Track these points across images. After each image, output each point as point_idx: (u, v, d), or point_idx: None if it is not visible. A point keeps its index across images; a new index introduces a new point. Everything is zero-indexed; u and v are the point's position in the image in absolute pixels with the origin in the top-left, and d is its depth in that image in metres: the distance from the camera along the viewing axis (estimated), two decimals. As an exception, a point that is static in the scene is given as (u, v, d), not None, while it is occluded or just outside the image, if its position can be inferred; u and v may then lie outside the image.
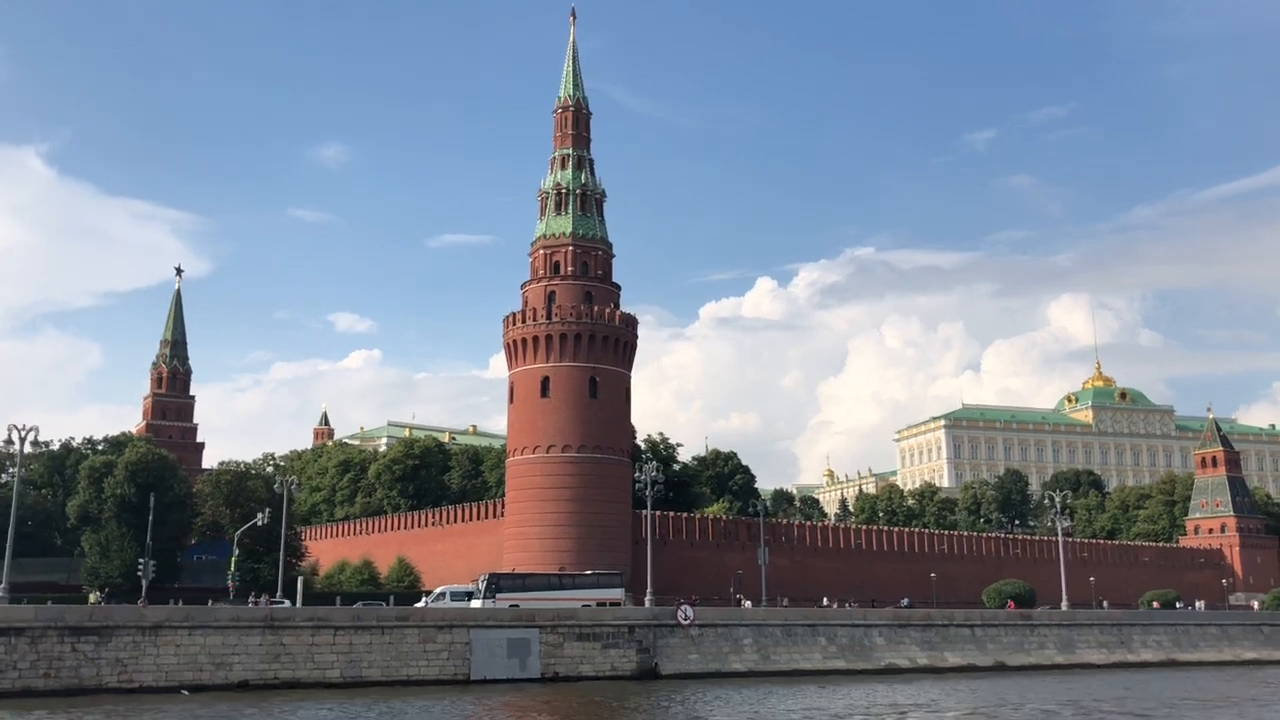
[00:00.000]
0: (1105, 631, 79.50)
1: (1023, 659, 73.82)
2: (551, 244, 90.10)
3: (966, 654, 72.22)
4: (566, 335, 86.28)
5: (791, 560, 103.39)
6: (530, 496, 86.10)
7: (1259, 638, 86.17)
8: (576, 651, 61.18)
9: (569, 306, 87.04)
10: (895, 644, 70.79)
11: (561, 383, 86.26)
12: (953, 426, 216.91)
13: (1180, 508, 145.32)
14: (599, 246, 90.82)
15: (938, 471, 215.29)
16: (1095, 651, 77.46)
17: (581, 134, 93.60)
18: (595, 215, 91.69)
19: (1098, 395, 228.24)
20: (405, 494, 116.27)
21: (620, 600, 71.89)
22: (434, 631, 58.24)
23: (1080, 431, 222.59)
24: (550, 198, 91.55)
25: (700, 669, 63.20)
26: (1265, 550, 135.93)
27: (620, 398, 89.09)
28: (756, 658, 65.62)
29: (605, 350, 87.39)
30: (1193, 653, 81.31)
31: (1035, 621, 77.52)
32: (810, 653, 67.82)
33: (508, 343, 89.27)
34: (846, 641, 69.32)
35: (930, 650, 71.42)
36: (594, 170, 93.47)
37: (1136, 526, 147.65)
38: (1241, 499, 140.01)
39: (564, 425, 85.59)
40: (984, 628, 74.75)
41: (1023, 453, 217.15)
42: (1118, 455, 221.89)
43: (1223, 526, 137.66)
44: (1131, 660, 77.96)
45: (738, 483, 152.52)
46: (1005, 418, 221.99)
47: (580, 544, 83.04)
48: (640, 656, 62.24)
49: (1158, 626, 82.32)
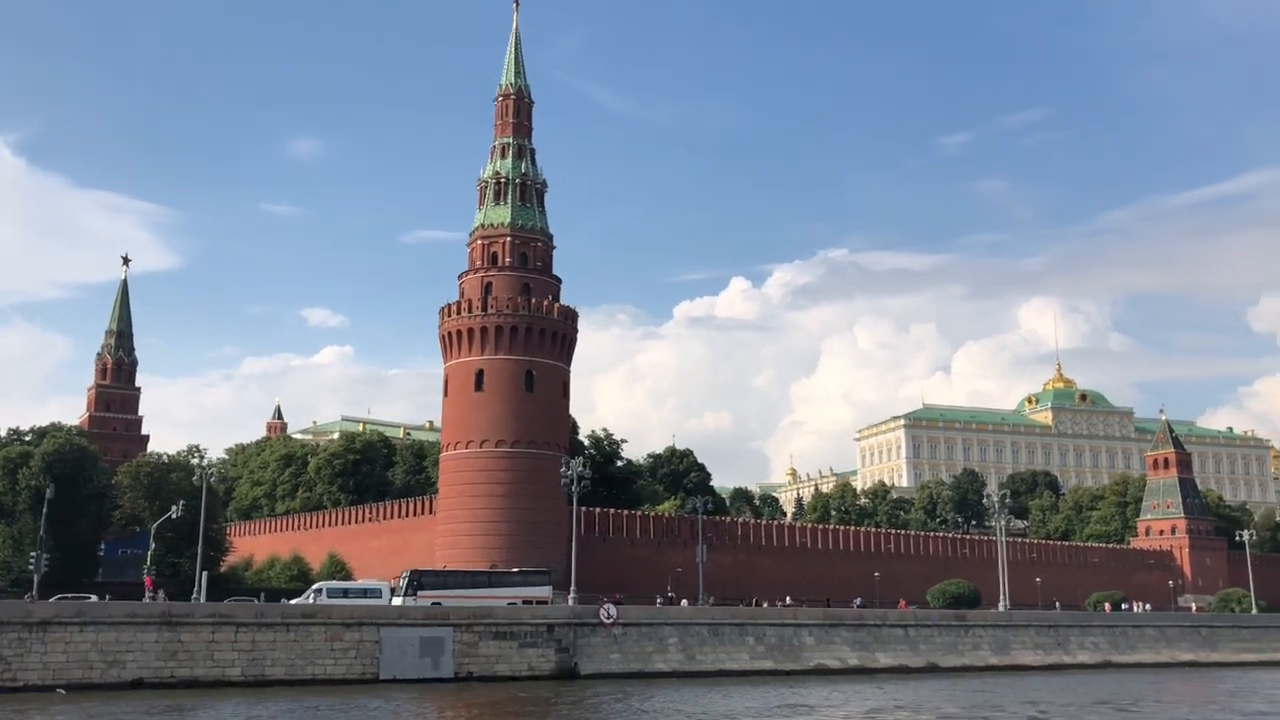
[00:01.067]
0: (1042, 633, 78.59)
1: (956, 660, 72.77)
2: (489, 234, 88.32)
3: (898, 655, 71.07)
4: (502, 327, 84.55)
5: (735, 559, 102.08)
6: (462, 492, 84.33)
7: (1197, 639, 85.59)
8: (492, 651, 59.58)
9: (505, 298, 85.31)
10: (826, 644, 69.56)
11: (496, 376, 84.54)
12: (912, 426, 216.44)
13: (1133, 509, 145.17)
14: (538, 237, 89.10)
15: (897, 471, 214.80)
16: (1030, 653, 76.49)
17: (523, 123, 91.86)
18: (535, 206, 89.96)
19: (1058, 397, 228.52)
20: (346, 489, 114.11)
21: (547, 598, 70.29)
22: (342, 629, 56.49)
23: (1040, 433, 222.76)
24: (489, 187, 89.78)
25: (622, 669, 61.72)
26: (1214, 552, 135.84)
27: (558, 392, 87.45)
28: (681, 658, 64.21)
29: (543, 343, 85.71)
30: (1130, 655, 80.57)
31: (970, 622, 76.52)
32: (737, 653, 66.49)
33: (443, 334, 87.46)
34: (775, 641, 68.04)
35: (861, 651, 70.23)
36: (535, 160, 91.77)
37: (1089, 528, 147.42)
38: (1192, 501, 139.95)
39: (498, 420, 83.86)
40: (918, 628, 73.64)
41: (982, 453, 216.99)
42: (1076, 456, 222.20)
43: (1173, 528, 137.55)
44: (1067, 662, 77.08)
45: (693, 480, 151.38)
46: (965, 418, 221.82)
47: (513, 541, 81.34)
48: (559, 656, 60.72)
49: (1095, 628, 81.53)
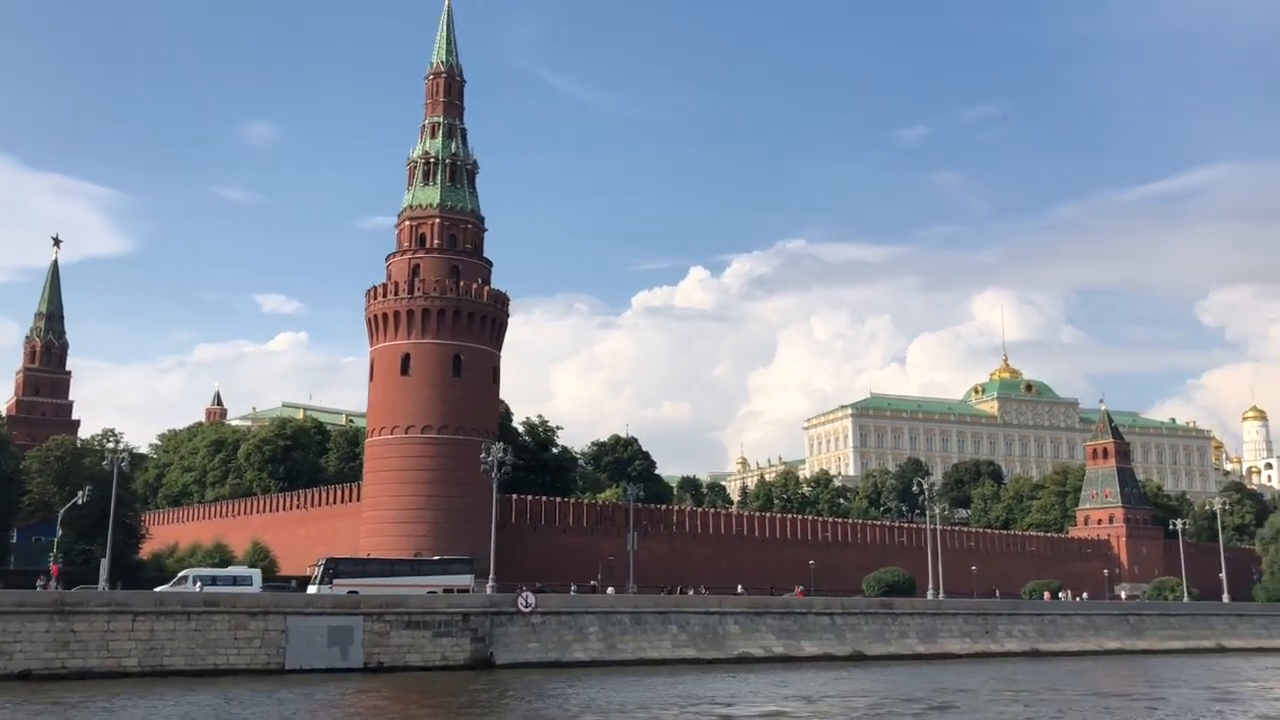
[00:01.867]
0: (970, 621, 78.22)
1: (882, 648, 72.19)
2: (417, 215, 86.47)
3: (824, 643, 70.37)
4: (430, 311, 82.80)
5: (671, 547, 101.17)
6: (388, 479, 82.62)
7: (1125, 627, 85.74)
8: (404, 640, 58.01)
9: (433, 281, 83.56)
10: (750, 632, 68.70)
11: (423, 360, 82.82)
12: (860, 416, 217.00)
13: (1072, 499, 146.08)
14: (468, 219, 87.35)
15: (844, 460, 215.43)
16: (958, 641, 76.10)
17: (454, 102, 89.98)
18: (466, 187, 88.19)
19: (1003, 387, 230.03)
20: (276, 476, 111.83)
21: (469, 587, 69.06)
22: (246, 618, 54.66)
23: (985, 422, 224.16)
24: (418, 167, 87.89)
25: (539, 658, 60.42)
26: (1151, 541, 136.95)
27: (486, 377, 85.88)
28: (601, 646, 63.00)
29: (471, 327, 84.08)
30: (1057, 643, 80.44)
31: (898, 610, 75.98)
32: (660, 641, 65.41)
33: (369, 317, 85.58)
34: (699, 629, 67.06)
35: (787, 639, 69.45)
36: (467, 140, 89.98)
37: (1030, 516, 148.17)
38: (1130, 490, 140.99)
39: (424, 405, 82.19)
40: (844, 616, 72.99)
41: (928, 443, 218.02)
42: (1021, 446, 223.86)
43: (1111, 517, 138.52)
44: (995, 650, 76.76)
45: (637, 469, 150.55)
46: (912, 408, 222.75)
47: (438, 529, 79.78)
48: (474, 646, 59.28)
49: (1023, 616, 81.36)
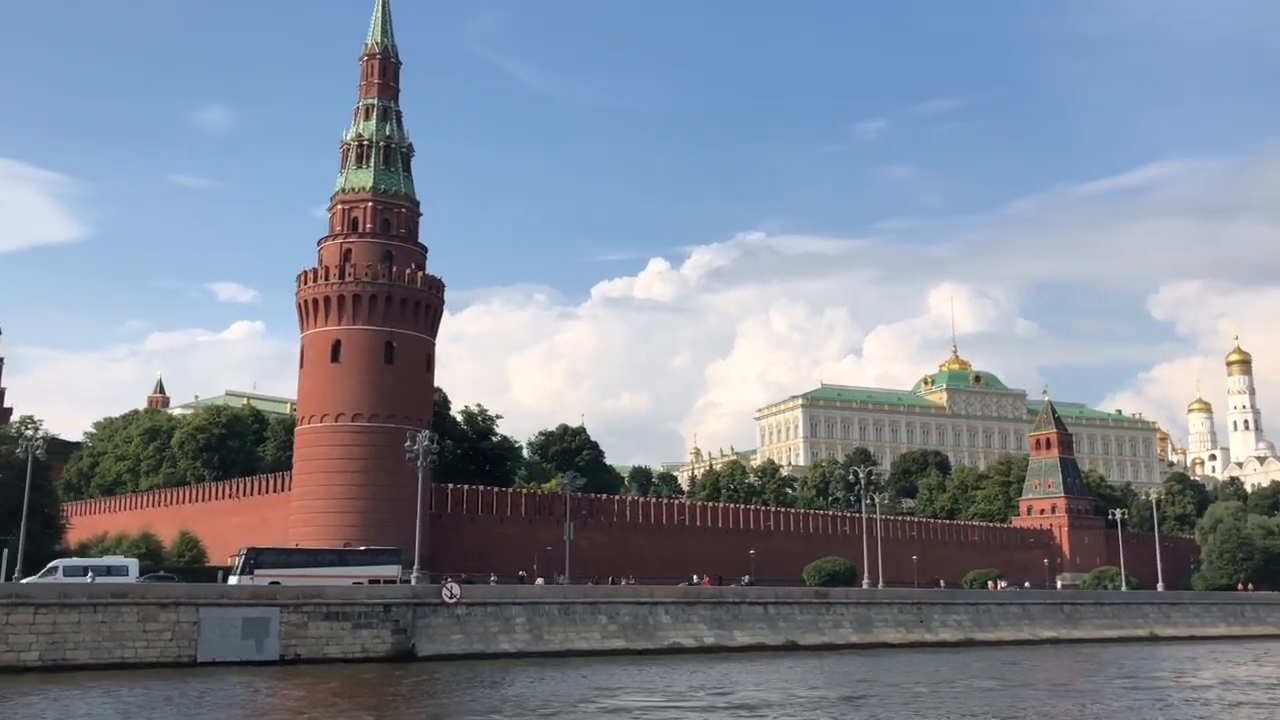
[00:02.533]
0: (905, 611, 78.09)
1: (816, 638, 71.79)
2: (350, 199, 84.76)
3: (757, 633, 69.83)
4: (361, 296, 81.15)
5: (612, 537, 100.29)
6: (317, 468, 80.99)
7: (1060, 616, 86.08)
8: (323, 632, 56.64)
9: (365, 266, 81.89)
10: (682, 623, 68.02)
11: (354, 347, 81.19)
12: (810, 406, 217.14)
13: (1016, 489, 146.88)
14: (402, 203, 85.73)
15: (794, 450, 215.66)
16: (892, 631, 75.94)
17: (389, 84, 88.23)
18: (400, 170, 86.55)
19: (952, 378, 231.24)
20: (210, 465, 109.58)
21: (395, 578, 67.74)
22: (156, 609, 53.03)
23: (934, 414, 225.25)
24: (352, 150, 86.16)
25: (463, 650, 59.29)
26: (1092, 531, 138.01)
27: (420, 364, 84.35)
28: (528, 638, 62.02)
29: (404, 314, 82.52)
30: (992, 632, 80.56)
31: (832, 600, 75.67)
32: (589, 632, 64.55)
33: (299, 303, 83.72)
34: (629, 620, 66.26)
35: (719, 629, 68.84)
36: (401, 123, 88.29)
37: (974, 506, 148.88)
38: (1072, 480, 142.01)
39: (355, 392, 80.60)
40: (778, 606, 72.51)
41: (878, 433, 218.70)
42: (970, 437, 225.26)
43: (1053, 507, 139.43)
44: (929, 640, 76.67)
45: (585, 459, 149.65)
46: (862, 398, 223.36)
47: (369, 519, 78.25)
48: (396, 637, 58.03)
49: (959, 606, 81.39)
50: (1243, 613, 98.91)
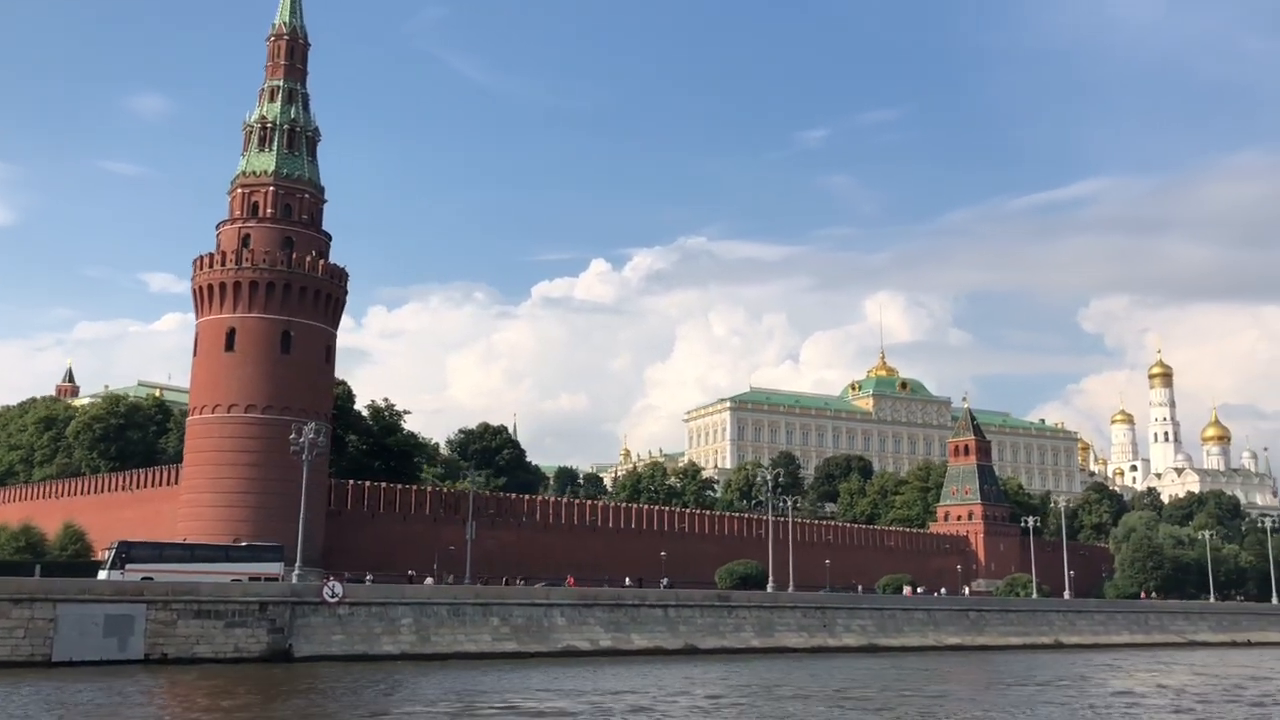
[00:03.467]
0: (808, 615, 77.11)
1: (716, 642, 70.48)
2: (251, 182, 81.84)
3: (655, 636, 68.35)
4: (258, 283, 78.26)
5: (520, 537, 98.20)
6: (208, 460, 77.97)
7: (965, 623, 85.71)
8: (192, 630, 54.01)
9: (263, 252, 79.03)
10: (578, 625, 66.34)
11: (249, 336, 78.29)
12: (738, 409, 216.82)
13: (934, 495, 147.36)
14: (306, 189, 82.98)
15: (722, 452, 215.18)
16: (795, 635, 74.89)
17: (296, 65, 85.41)
18: (305, 155, 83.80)
19: (879, 384, 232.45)
20: (108, 456, 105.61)
21: (278, 575, 65.26)
22: (9, 605, 50.10)
23: (860, 419, 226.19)
24: (254, 132, 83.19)
25: (344, 651, 56.98)
26: (1007, 538, 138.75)
27: (319, 355, 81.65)
28: (414, 639, 59.88)
29: (304, 303, 79.79)
30: (896, 638, 79.85)
31: (734, 603, 74.43)
32: (479, 634, 62.57)
33: (194, 289, 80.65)
34: (523, 622, 64.39)
35: (616, 632, 67.24)
36: (308, 106, 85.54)
37: (893, 511, 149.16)
38: (989, 487, 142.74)
39: (249, 383, 77.72)
40: (678, 609, 71.10)
41: (804, 437, 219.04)
42: (895, 443, 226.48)
43: (970, 514, 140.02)
44: (832, 645, 75.76)
45: (505, 458, 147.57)
46: (790, 402, 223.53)
47: (260, 514, 75.39)
48: (271, 637, 55.55)
49: (863, 610, 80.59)
50: (1146, 621, 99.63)
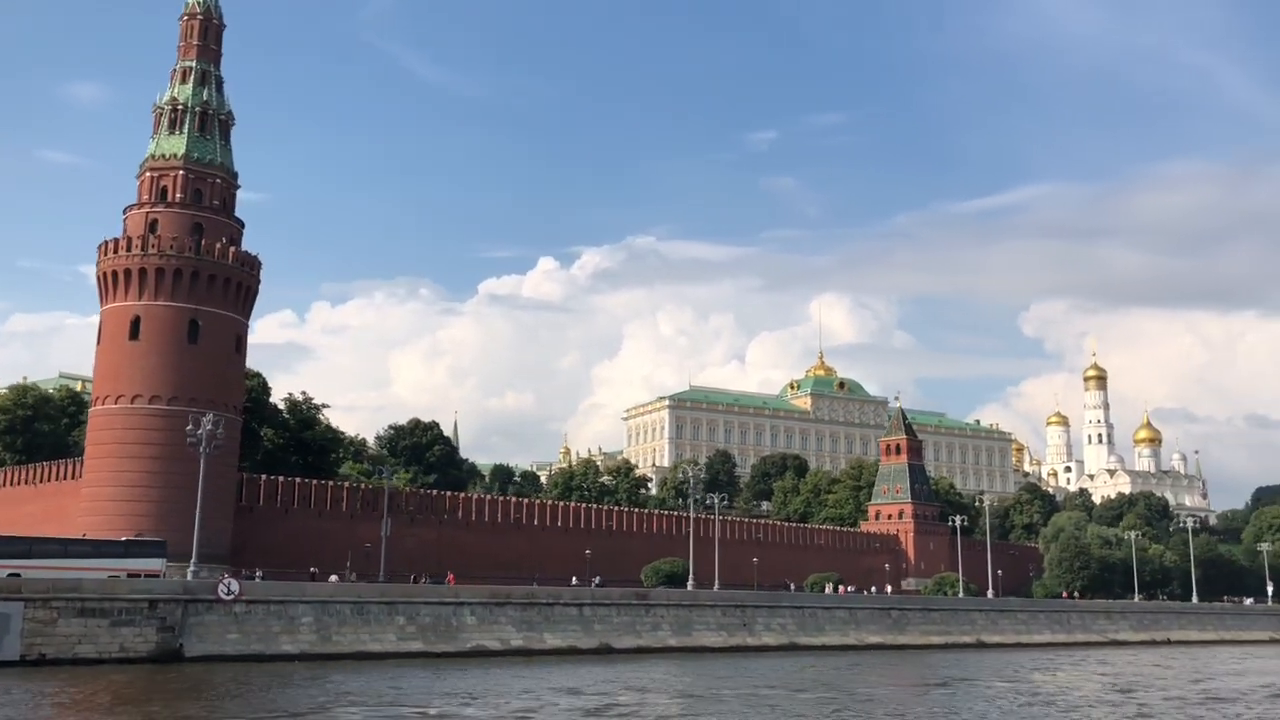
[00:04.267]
0: (728, 614, 76.10)
1: (632, 641, 69.23)
2: (160, 166, 79.05)
3: (569, 636, 66.94)
4: (164, 270, 75.54)
5: (442, 534, 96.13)
6: (110, 453, 75.09)
7: (887, 622, 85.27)
8: (74, 630, 51.57)
9: (170, 238, 76.31)
10: (488, 624, 64.72)
11: (154, 324, 75.54)
12: (676, 407, 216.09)
13: (866, 493, 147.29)
14: (217, 174, 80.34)
15: (660, 450, 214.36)
16: (713, 634, 73.86)
17: (209, 46, 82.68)
18: (218, 139, 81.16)
19: (817, 384, 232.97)
20: (14, 449, 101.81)
21: (160, 572, 62.79)
22: (-128, 605, 47.55)
23: (798, 418, 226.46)
24: (164, 114, 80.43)
25: (239, 651, 54.88)
26: (937, 537, 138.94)
27: (228, 346, 79.06)
28: (314, 638, 57.88)
29: (213, 291, 77.17)
30: (817, 637, 79.17)
31: (652, 602, 73.21)
32: (384, 633, 60.73)
33: (99, 275, 77.67)
34: (430, 621, 62.64)
35: (528, 631, 65.74)
36: (222, 89, 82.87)
37: (826, 510, 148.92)
38: (920, 486, 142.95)
39: (153, 373, 75.00)
40: (593, 607, 69.73)
41: (742, 435, 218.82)
42: (832, 442, 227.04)
43: (900, 513, 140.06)
44: (751, 644, 74.85)
45: (436, 454, 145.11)
46: (728, 401, 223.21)
47: (163, 508, 72.65)
48: (161, 636, 53.29)
49: (784, 609, 79.75)
50: (1068, 620, 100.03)
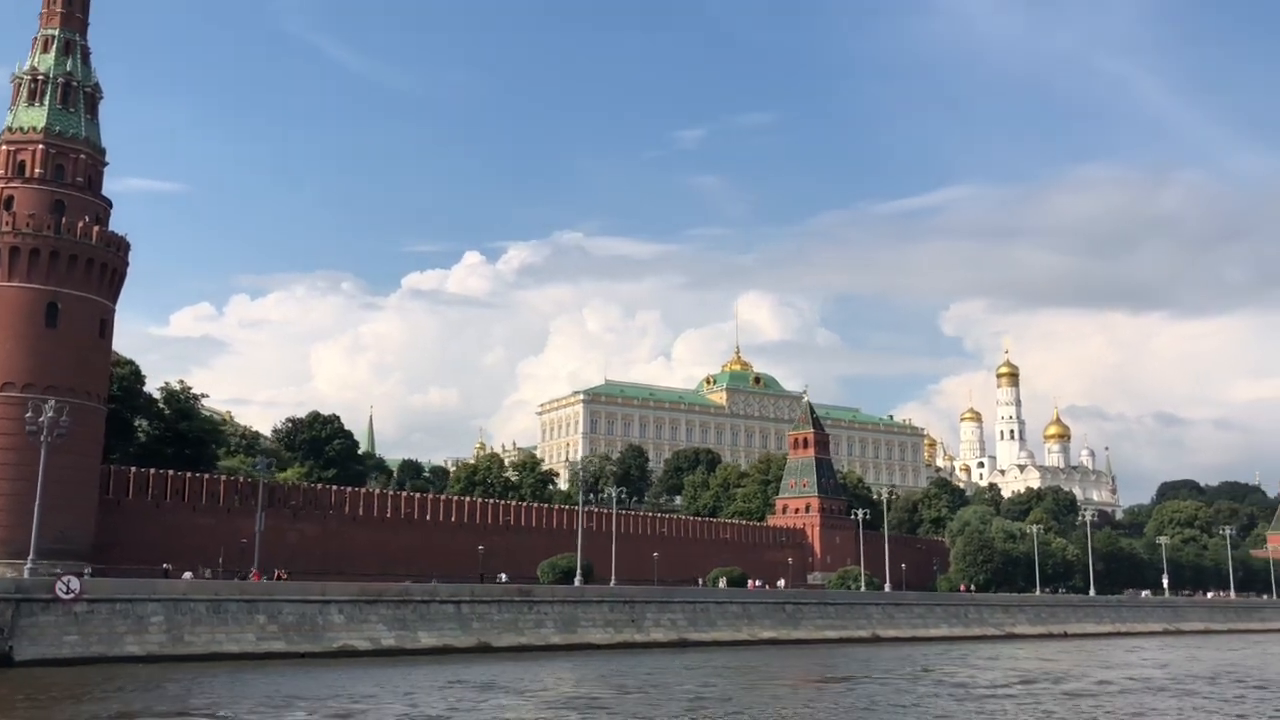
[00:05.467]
0: (615, 610, 74.04)
1: (514, 639, 66.76)
2: (17, 139, 74.35)
3: (445, 634, 64.26)
4: (20, 249, 70.95)
5: (327, 530, 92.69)
6: (-43, 443, 70.44)
7: (781, 616, 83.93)
8: (-116, 634, 47.79)
9: (26, 215, 71.72)
10: (358, 623, 61.79)
11: (8, 306, 70.90)
12: (591, 401, 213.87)
13: (774, 487, 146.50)
14: (81, 149, 75.85)
15: (574, 445, 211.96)
16: (600, 631, 71.74)
17: (75, 14, 77.97)
18: (82, 112, 76.60)
19: (733, 378, 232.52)
20: None
21: None
22: None
23: (714, 412, 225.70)
24: (24, 85, 75.68)
25: (79, 653, 51.28)
26: (844, 531, 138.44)
27: (92, 331, 74.68)
28: (164, 639, 54.45)
29: (74, 272, 72.75)
30: (708, 632, 77.50)
31: (536, 598, 70.80)
32: (242, 633, 57.46)
33: (-50, 254, 72.81)
34: (294, 620, 59.51)
35: (400, 630, 62.94)
36: (89, 60, 78.28)
37: (734, 504, 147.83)
38: (827, 480, 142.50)
39: (7, 359, 70.42)
40: (473, 605, 67.14)
41: (658, 430, 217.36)
42: (747, 437, 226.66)
43: (807, 506, 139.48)
44: (640, 640, 72.91)
45: (335, 448, 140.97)
46: (644, 395, 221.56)
47: (14, 502, 68.19)
48: (-13, 639, 49.58)
49: (675, 605, 77.91)
50: (965, 614, 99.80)
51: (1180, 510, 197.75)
